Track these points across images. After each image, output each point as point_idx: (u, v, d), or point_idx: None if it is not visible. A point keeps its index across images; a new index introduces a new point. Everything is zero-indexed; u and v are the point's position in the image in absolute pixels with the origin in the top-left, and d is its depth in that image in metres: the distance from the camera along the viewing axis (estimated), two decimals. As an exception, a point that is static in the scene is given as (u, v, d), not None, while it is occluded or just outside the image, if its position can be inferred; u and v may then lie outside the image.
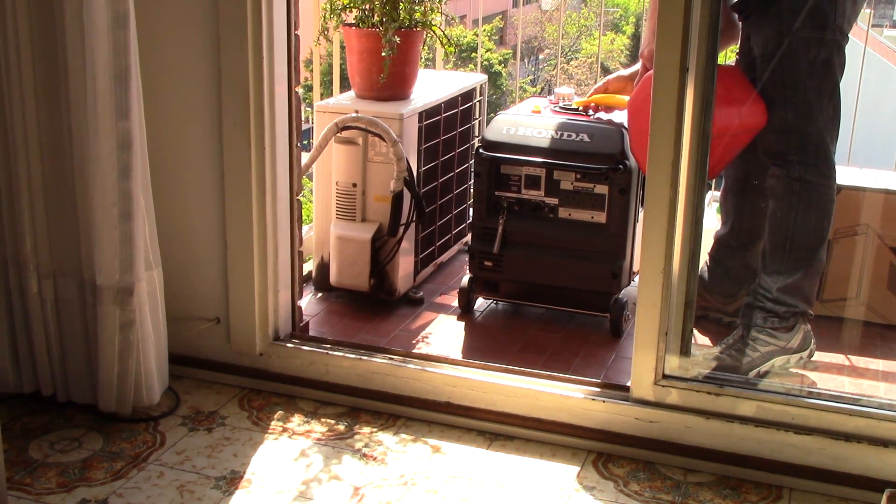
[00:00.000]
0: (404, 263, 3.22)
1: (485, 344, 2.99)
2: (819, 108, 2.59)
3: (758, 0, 2.64)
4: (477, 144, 3.36)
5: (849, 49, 2.61)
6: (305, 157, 3.07)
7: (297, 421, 2.62)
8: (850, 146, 3.62)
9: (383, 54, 3.01)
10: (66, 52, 2.32)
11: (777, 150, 2.65)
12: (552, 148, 2.98)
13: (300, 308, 2.87)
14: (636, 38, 23.31)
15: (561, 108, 3.13)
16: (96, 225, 2.39)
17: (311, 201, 3.39)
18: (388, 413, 2.65)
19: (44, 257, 2.48)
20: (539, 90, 20.77)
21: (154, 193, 2.50)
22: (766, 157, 2.68)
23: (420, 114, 3.17)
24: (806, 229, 2.65)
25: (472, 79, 3.61)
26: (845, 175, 3.15)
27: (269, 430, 2.57)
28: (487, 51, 19.13)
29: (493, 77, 17.79)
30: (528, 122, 3.05)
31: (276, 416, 2.64)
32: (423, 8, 3.14)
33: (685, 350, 2.46)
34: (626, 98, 3.01)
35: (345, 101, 3.21)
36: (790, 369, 2.72)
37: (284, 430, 2.57)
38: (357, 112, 3.05)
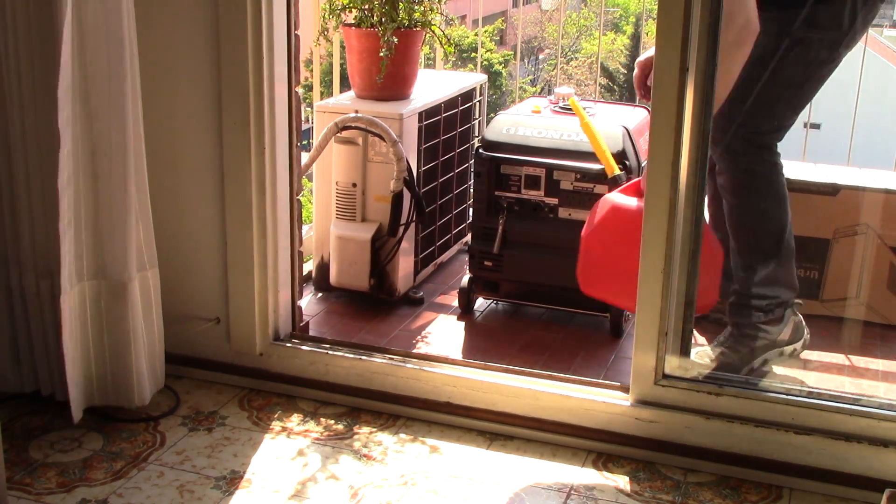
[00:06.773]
0: (404, 263, 3.22)
1: (485, 344, 2.99)
2: (779, 100, 2.59)
3: (761, 1, 2.63)
4: (477, 144, 3.36)
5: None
6: (305, 157, 3.07)
7: (296, 421, 2.62)
8: (850, 146, 3.62)
9: (381, 54, 3.01)
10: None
11: (722, 145, 2.64)
12: (552, 148, 2.99)
13: (300, 308, 2.87)
14: (636, 38, 23.30)
15: (561, 108, 3.14)
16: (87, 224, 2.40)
17: (311, 201, 3.39)
18: (387, 413, 2.65)
19: (42, 257, 2.48)
20: (539, 90, 20.77)
21: (154, 193, 2.50)
22: (714, 155, 2.67)
23: (420, 114, 3.17)
24: (764, 219, 2.65)
25: (471, 79, 3.61)
26: (845, 175, 3.15)
27: (269, 430, 2.57)
28: (488, 51, 19.13)
29: (493, 77, 17.79)
30: (528, 122, 3.05)
31: (276, 416, 2.64)
32: (422, 8, 3.14)
33: (685, 350, 2.46)
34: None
35: (345, 101, 3.21)
36: (787, 360, 2.72)
37: (284, 429, 2.57)
38: (357, 112, 3.05)
